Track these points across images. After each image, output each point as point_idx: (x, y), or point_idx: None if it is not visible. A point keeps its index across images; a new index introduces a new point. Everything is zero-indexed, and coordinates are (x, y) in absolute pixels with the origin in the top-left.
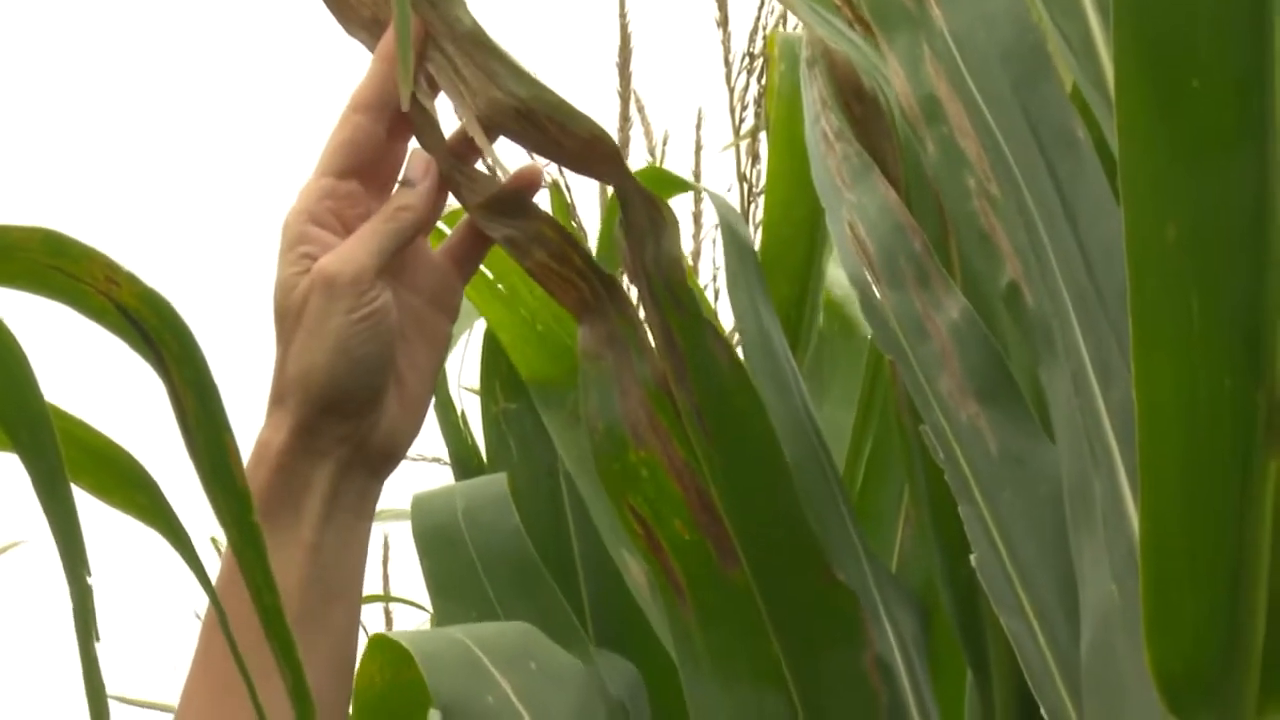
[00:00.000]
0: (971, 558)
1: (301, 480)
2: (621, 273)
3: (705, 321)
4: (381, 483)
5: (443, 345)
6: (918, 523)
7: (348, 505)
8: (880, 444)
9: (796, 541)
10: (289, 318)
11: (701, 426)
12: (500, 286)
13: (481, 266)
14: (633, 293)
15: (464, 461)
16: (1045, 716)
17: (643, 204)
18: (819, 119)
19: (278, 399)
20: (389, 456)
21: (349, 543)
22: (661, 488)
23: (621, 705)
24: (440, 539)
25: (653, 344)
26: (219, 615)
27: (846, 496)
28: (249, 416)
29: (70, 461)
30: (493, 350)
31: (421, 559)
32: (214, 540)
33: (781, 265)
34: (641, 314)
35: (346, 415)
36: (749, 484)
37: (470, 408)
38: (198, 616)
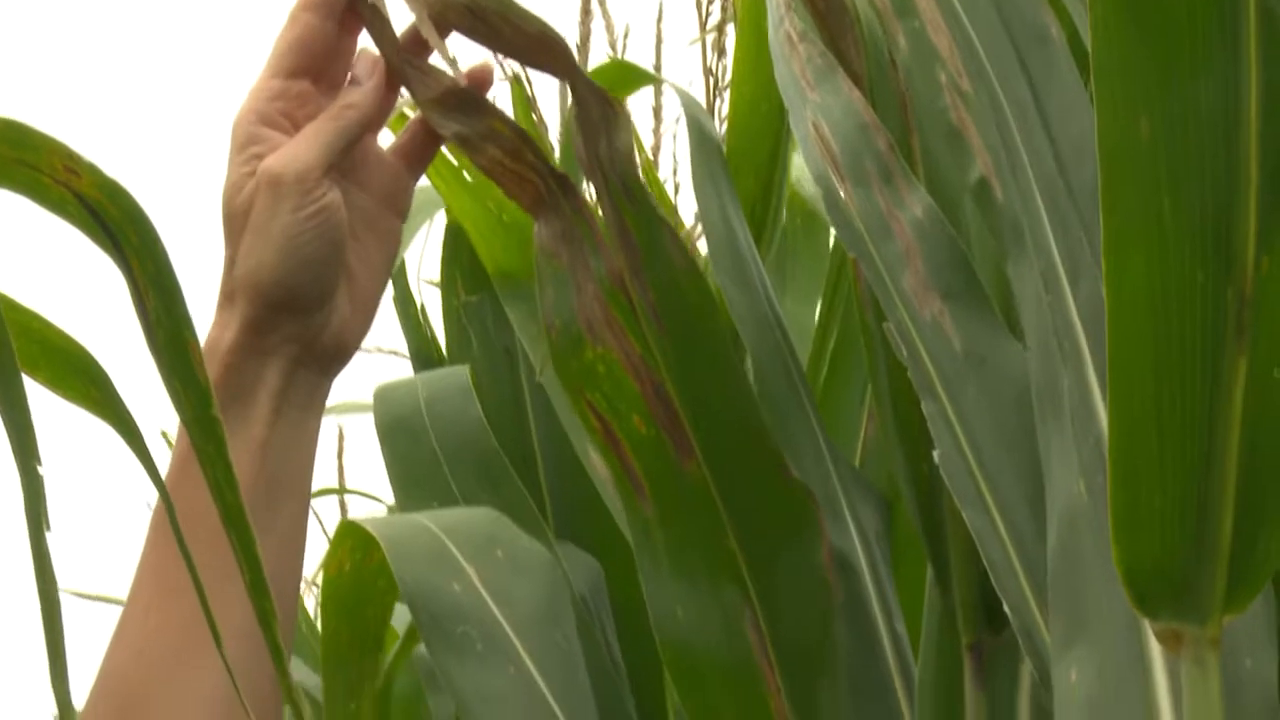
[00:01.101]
0: (935, 454)
1: (251, 378)
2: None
3: (660, 217)
4: (331, 380)
5: (394, 244)
6: (879, 419)
7: (297, 402)
8: (844, 339)
9: (751, 437)
10: (236, 218)
11: (657, 322)
12: (467, 176)
13: (449, 157)
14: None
15: (423, 355)
16: (1008, 612)
17: (594, 99)
18: (782, 21)
19: (227, 298)
20: (339, 354)
21: (298, 440)
22: (618, 384)
23: (582, 597)
24: (402, 430)
25: (608, 240)
26: (169, 511)
27: (810, 392)
28: (202, 317)
29: (23, 354)
30: (454, 243)
31: (384, 450)
32: (164, 434)
33: (747, 160)
34: (598, 210)
35: (296, 313)
36: (704, 380)
37: (430, 301)
38: (149, 507)
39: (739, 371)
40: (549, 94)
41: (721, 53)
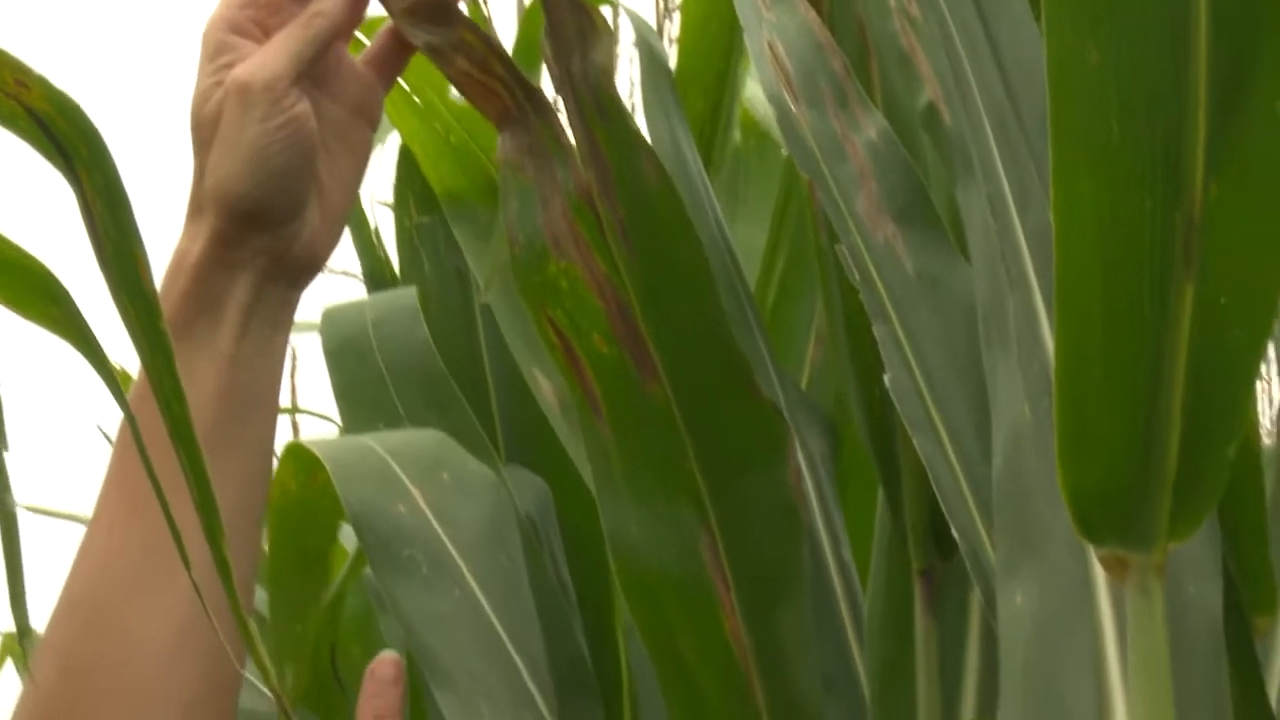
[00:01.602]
0: (885, 378)
1: (220, 290)
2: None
3: (634, 134)
4: (300, 293)
5: (364, 155)
6: (830, 342)
7: (266, 316)
8: (793, 263)
9: (720, 358)
10: (205, 128)
11: (625, 240)
12: (416, 100)
13: (399, 79)
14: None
15: (376, 275)
16: (956, 536)
17: (571, 12)
18: None
19: (196, 209)
20: (309, 267)
21: (266, 353)
22: (581, 300)
23: (530, 519)
24: (350, 351)
25: (577, 156)
26: (130, 425)
27: (758, 314)
28: (165, 229)
29: None
30: (407, 164)
31: (331, 371)
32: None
33: (697, 81)
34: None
35: (266, 226)
36: (672, 299)
37: (383, 222)
38: (101, 430)
39: (710, 291)
40: (505, 9)
41: None
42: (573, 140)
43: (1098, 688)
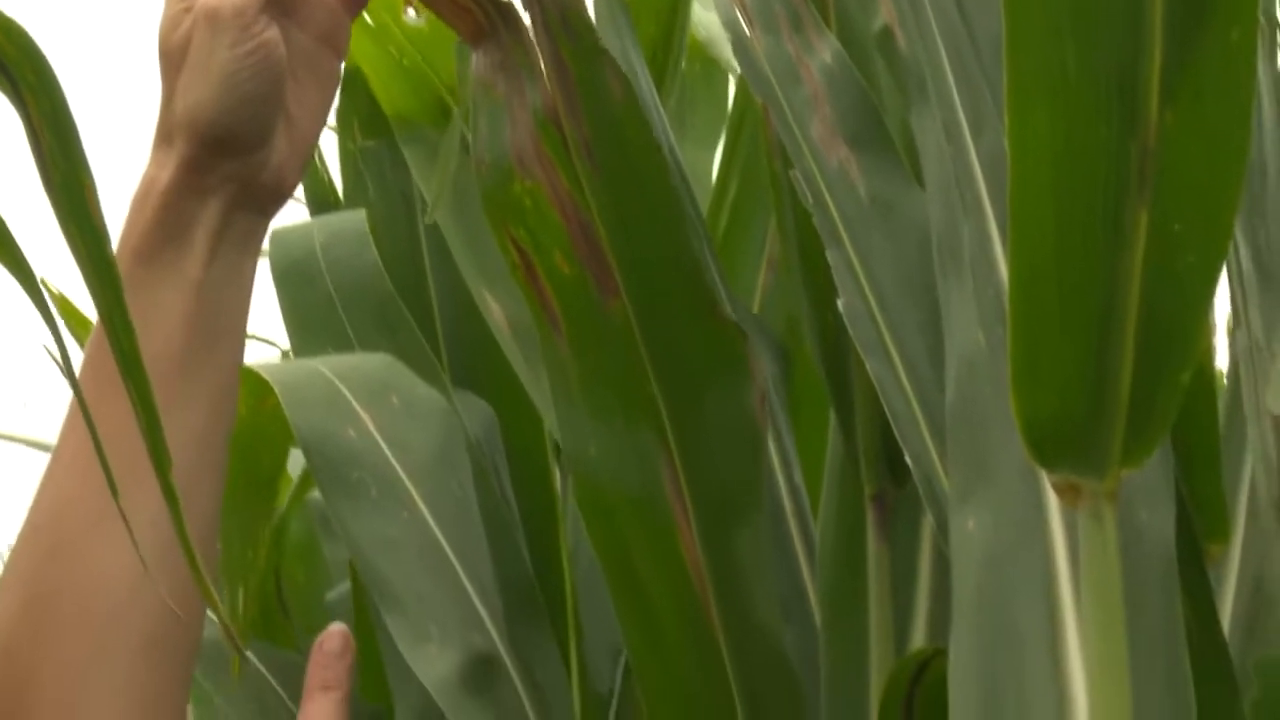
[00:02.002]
0: (839, 303)
1: (188, 217)
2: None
3: (601, 52)
4: (269, 221)
5: (332, 84)
6: (785, 267)
7: (234, 243)
8: (745, 187)
9: (684, 278)
10: (173, 55)
11: (590, 158)
12: (369, 21)
13: None
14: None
15: (320, 199)
16: (909, 461)
17: None
18: None
19: (164, 136)
20: (277, 195)
21: (235, 280)
22: (544, 218)
23: (476, 443)
24: (298, 274)
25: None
26: (63, 358)
27: (709, 239)
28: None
29: None
30: (352, 88)
31: (279, 294)
32: (44, 281)
33: (647, 4)
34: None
35: (235, 153)
36: (637, 218)
37: (327, 146)
38: (47, 350)
39: (677, 209)
40: None
41: None
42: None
43: (1050, 614)
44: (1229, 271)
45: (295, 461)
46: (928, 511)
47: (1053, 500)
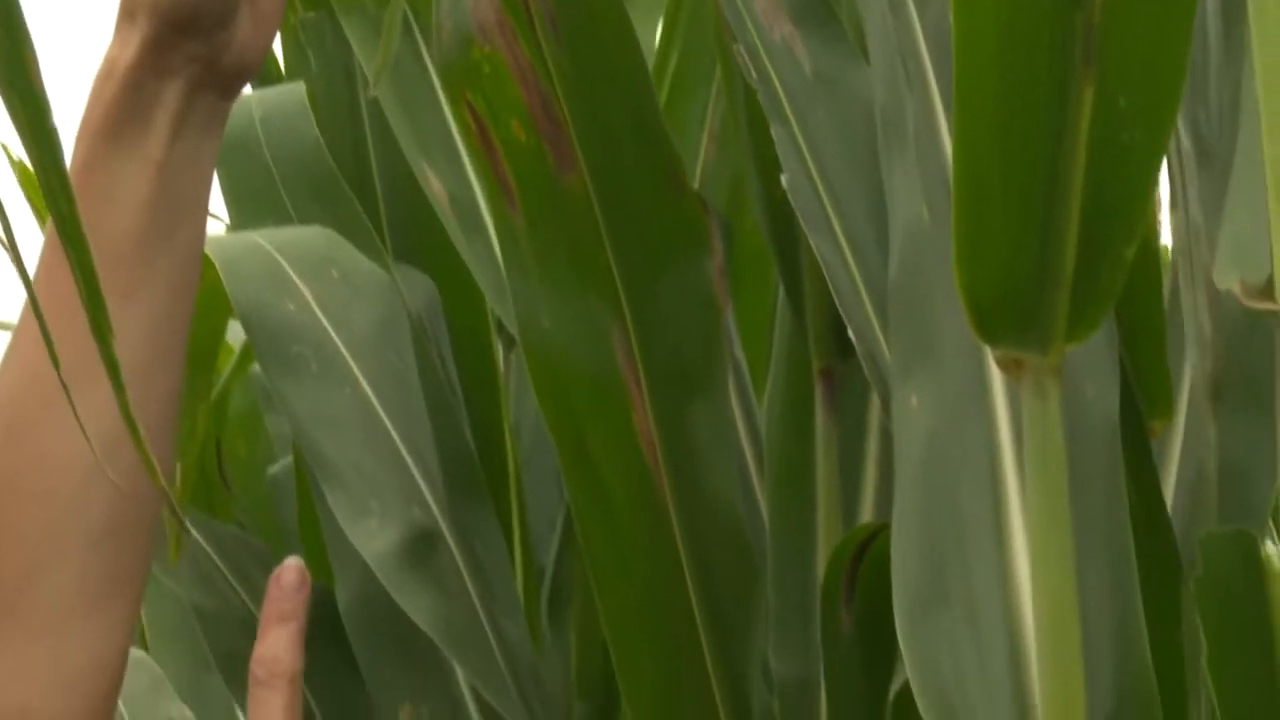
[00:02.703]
0: (783, 178)
1: (150, 97)
2: None
3: None
4: (231, 101)
5: None
6: (727, 140)
7: (196, 124)
8: (686, 59)
9: (647, 149)
10: None
11: (553, 30)
12: None
13: None
14: None
15: (261, 72)
16: (852, 337)
17: None
18: None
19: (127, 14)
20: (239, 75)
21: (196, 161)
22: (502, 86)
23: (418, 318)
24: (237, 148)
25: None
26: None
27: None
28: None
29: None
30: None
31: (218, 168)
32: (4, 146)
33: None
34: None
35: (198, 32)
36: (601, 90)
37: None
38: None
39: (642, 82)
40: None
41: None
42: None
43: (993, 490)
44: (1168, 152)
45: (237, 334)
46: (873, 387)
47: (996, 376)
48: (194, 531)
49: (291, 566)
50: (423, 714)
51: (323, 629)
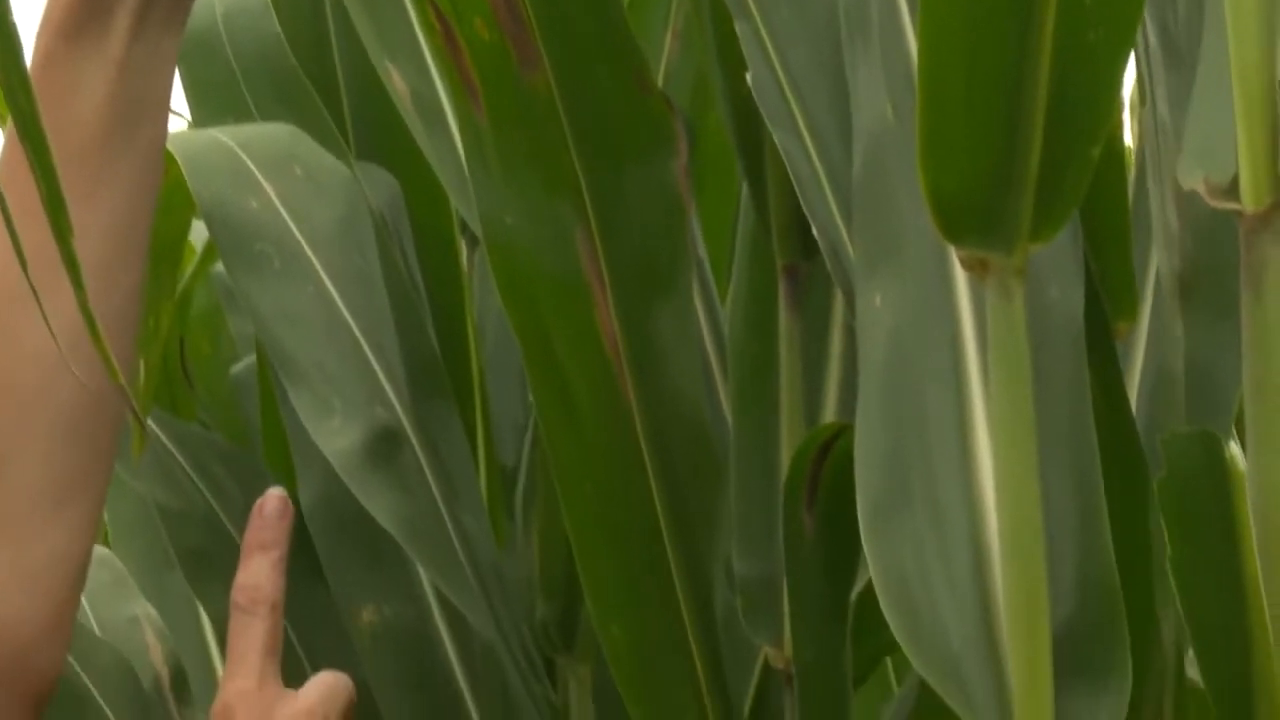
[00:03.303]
0: (747, 75)
1: None
2: None
3: None
4: (192, 0)
5: None
6: (690, 38)
7: (157, 21)
8: None
9: (612, 48)
10: None
11: None
12: None
13: None
14: None
15: None
16: (816, 235)
17: None
18: None
19: None
20: None
21: (157, 59)
22: None
23: (381, 216)
24: (198, 44)
25: None
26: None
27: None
28: None
29: None
30: None
31: (180, 66)
32: None
33: None
34: None
35: None
36: None
37: None
38: None
39: None
40: None
41: None
42: None
43: (957, 390)
44: (1135, 50)
45: (200, 232)
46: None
47: (960, 276)
48: (156, 429)
49: (274, 496)
50: (385, 614)
51: None
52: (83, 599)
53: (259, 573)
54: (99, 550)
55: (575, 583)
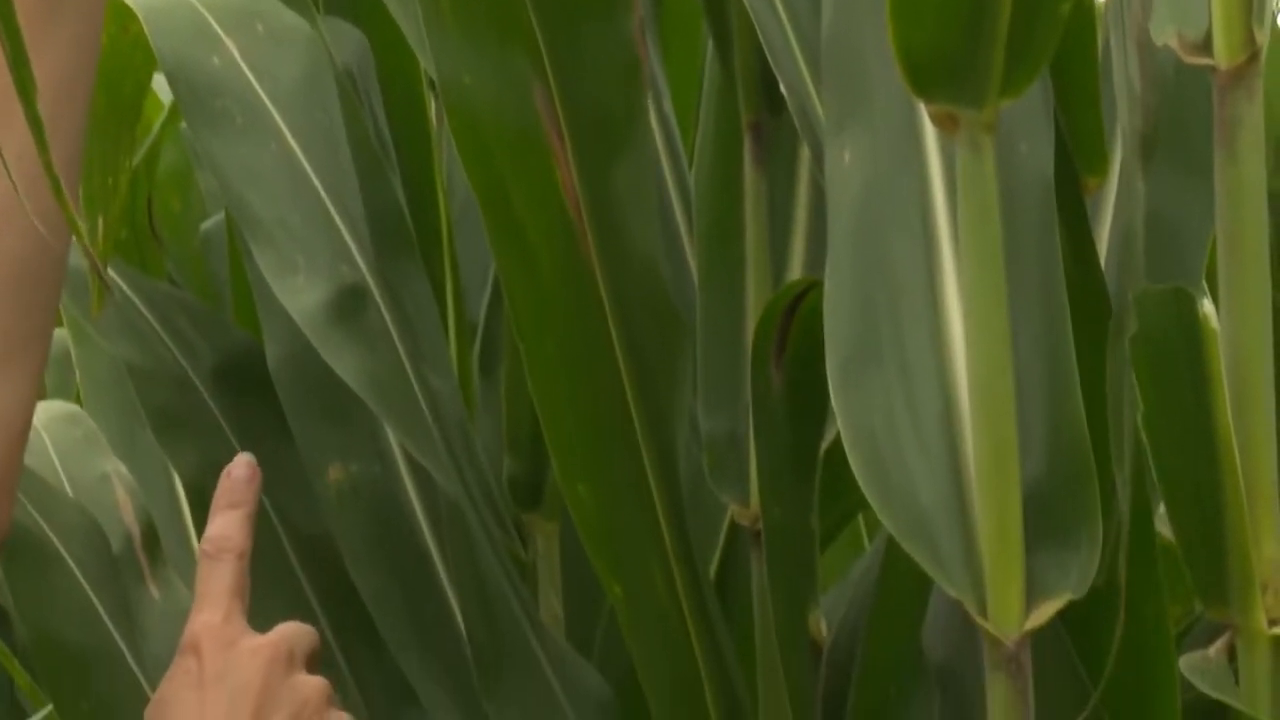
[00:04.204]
0: None
1: None
2: None
3: None
4: None
5: None
6: None
7: None
8: None
9: None
10: None
11: None
12: None
13: None
14: None
15: None
16: (784, 92)
17: None
18: None
19: None
20: None
21: None
22: None
23: (348, 73)
24: None
25: None
26: None
27: None
28: None
29: None
30: None
31: None
32: None
33: None
34: None
35: None
36: None
37: None
38: None
39: None
40: None
41: None
42: None
43: (927, 245)
44: None
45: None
46: (804, 142)
47: (930, 132)
48: (124, 286)
49: (241, 462)
50: (352, 472)
51: (254, 386)
52: (53, 456)
53: (228, 525)
54: (70, 407)
55: (542, 441)
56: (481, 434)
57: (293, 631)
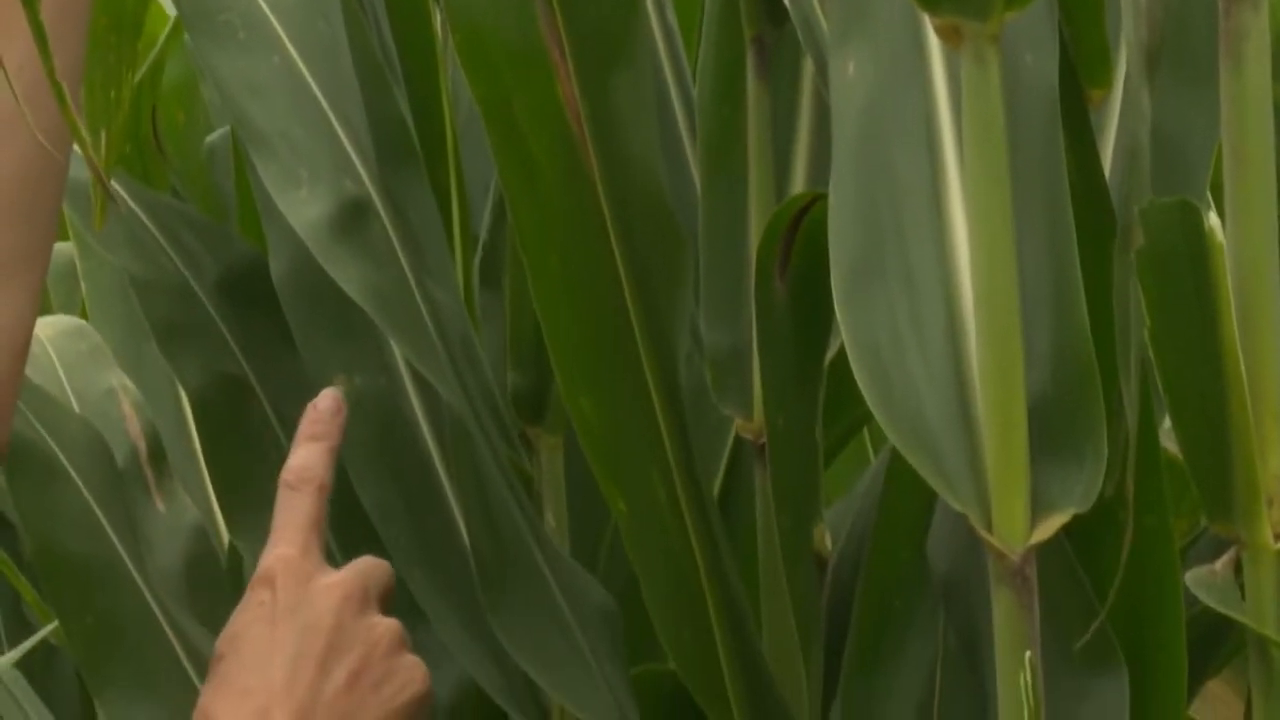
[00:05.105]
0: None
1: None
2: None
3: None
4: None
5: None
6: None
7: None
8: None
9: None
10: None
11: None
12: None
13: None
14: None
15: None
16: (787, 3)
17: None
18: None
19: None
20: None
21: None
22: None
23: None
24: None
25: None
26: None
27: None
28: None
29: None
30: None
31: None
32: None
33: None
34: None
35: None
36: None
37: None
38: None
39: None
40: None
41: None
42: None
43: (931, 158)
44: None
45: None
46: (807, 54)
47: (934, 43)
48: (128, 198)
49: (328, 394)
50: (357, 384)
51: (258, 299)
52: (59, 370)
53: (310, 457)
54: (76, 321)
55: (546, 355)
56: (486, 348)
57: (369, 567)
